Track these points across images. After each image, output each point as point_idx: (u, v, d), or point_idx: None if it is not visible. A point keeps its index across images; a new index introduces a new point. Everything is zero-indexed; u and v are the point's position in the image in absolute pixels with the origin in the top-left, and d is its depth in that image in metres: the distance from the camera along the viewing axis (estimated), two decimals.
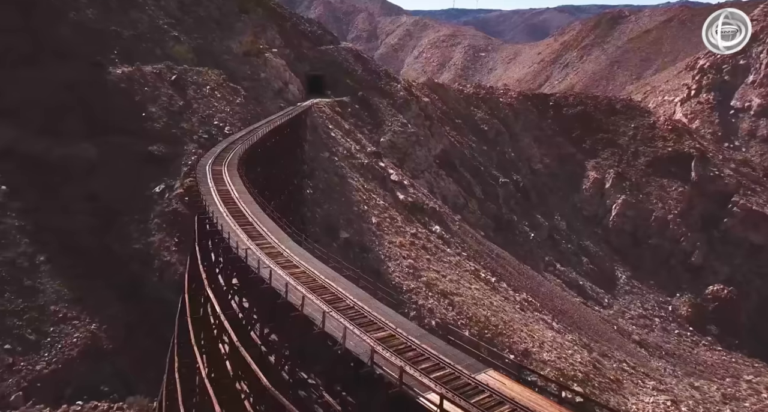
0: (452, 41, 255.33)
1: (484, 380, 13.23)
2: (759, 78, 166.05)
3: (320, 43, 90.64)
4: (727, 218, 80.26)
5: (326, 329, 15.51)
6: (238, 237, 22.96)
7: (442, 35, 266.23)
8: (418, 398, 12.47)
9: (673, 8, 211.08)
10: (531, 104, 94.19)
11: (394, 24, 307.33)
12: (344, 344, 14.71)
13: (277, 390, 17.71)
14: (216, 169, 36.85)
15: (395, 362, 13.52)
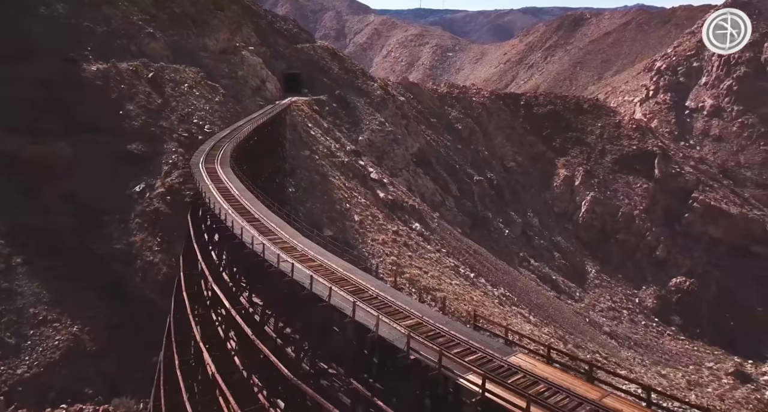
0: (420, 41, 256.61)
1: (516, 362, 13.71)
2: (711, 80, 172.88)
3: (296, 42, 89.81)
4: (687, 213, 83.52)
5: (357, 319, 15.86)
6: (251, 233, 22.73)
7: (410, 35, 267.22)
8: (458, 380, 12.82)
9: (631, 11, 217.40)
10: (503, 104, 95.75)
11: (362, 23, 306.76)
12: (377, 331, 14.97)
13: (301, 381, 17.95)
14: (209, 167, 36.24)
15: (433, 347, 14.02)
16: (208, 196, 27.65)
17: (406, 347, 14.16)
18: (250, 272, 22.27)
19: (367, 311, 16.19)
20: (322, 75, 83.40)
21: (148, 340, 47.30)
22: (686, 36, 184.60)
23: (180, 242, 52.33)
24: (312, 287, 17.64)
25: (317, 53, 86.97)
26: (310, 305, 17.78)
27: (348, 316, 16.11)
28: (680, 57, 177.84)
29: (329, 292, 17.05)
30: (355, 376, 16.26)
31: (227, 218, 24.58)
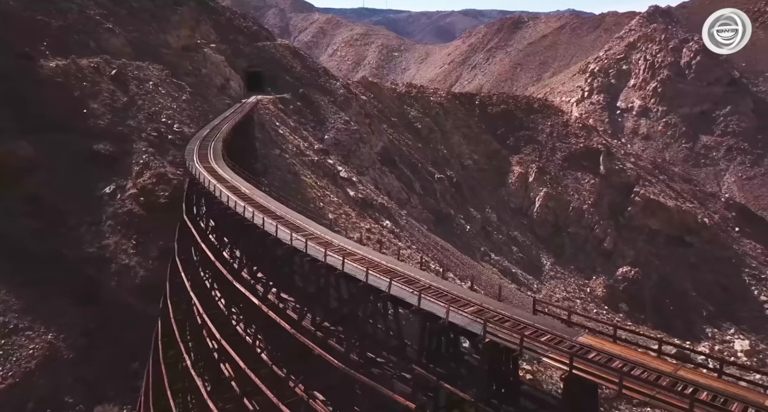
0: (366, 40, 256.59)
1: (585, 341, 14.28)
2: (638, 82, 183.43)
3: (256, 39, 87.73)
4: (630, 206, 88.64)
5: (423, 307, 16.51)
6: (284, 231, 22.42)
7: (355, 34, 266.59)
8: (542, 358, 13.43)
9: (565, 16, 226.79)
10: (459, 103, 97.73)
11: (307, 21, 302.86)
12: (447, 318, 15.61)
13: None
14: (208, 167, 35.08)
15: (511, 330, 14.57)
16: (226, 198, 26.81)
17: (483, 331, 14.58)
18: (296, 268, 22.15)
19: (432, 301, 16.73)
20: (284, 73, 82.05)
21: (127, 345, 45.37)
22: (616, 40, 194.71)
23: (156, 243, 50.49)
24: (368, 278, 18.03)
25: (279, 51, 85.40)
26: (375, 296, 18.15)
27: (414, 305, 16.67)
28: (611, 60, 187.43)
29: (389, 284, 17.58)
30: (418, 362, 16.75)
31: (253, 216, 24.01)
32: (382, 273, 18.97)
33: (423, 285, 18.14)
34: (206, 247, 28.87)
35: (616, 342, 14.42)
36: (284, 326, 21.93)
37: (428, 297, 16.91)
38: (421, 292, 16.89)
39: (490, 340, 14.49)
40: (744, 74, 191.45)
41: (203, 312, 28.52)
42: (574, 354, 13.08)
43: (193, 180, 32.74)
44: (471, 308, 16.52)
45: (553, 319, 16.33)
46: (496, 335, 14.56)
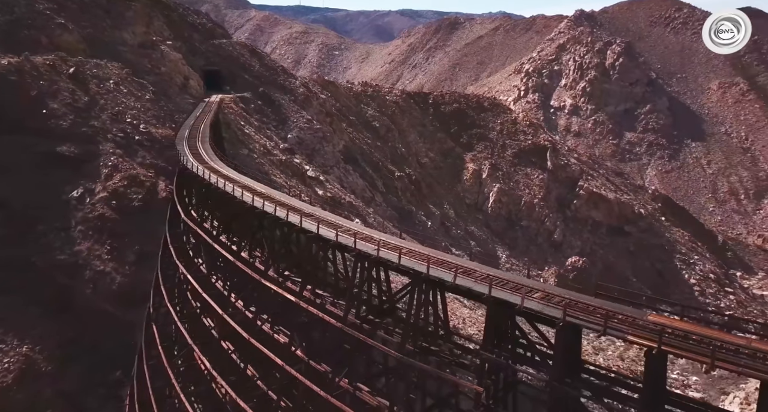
0: (305, 39, 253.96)
1: (655, 320, 15.61)
2: (569, 82, 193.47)
3: (212, 37, 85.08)
4: (575, 199, 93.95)
5: (495, 295, 17.62)
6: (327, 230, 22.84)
7: (294, 32, 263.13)
8: (627, 337, 14.85)
9: (498, 18, 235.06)
10: (413, 102, 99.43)
11: (243, 18, 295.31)
12: (523, 304, 16.68)
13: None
14: (212, 167, 34.33)
15: (588, 313, 15.83)
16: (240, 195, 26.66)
17: (563, 315, 15.80)
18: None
19: (505, 291, 17.78)
20: (243, 72, 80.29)
21: (108, 354, 43.58)
22: (547, 42, 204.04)
23: (132, 247, 48.52)
24: (429, 271, 19.16)
25: (236, 50, 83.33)
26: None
27: (485, 293, 17.59)
28: (543, 61, 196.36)
29: (455, 275, 18.44)
30: (487, 348, 17.76)
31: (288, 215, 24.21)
32: (439, 265, 19.90)
33: (483, 274, 19.22)
34: (222, 248, 28.48)
35: (684, 320, 15.91)
36: (330, 320, 22.33)
37: (497, 286, 17.97)
38: (492, 281, 17.89)
39: (570, 323, 15.75)
40: (660, 76, 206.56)
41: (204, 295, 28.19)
42: (663, 331, 14.27)
43: (200, 181, 31.79)
44: (537, 293, 17.75)
45: (612, 301, 17.65)
46: (578, 318, 15.81)
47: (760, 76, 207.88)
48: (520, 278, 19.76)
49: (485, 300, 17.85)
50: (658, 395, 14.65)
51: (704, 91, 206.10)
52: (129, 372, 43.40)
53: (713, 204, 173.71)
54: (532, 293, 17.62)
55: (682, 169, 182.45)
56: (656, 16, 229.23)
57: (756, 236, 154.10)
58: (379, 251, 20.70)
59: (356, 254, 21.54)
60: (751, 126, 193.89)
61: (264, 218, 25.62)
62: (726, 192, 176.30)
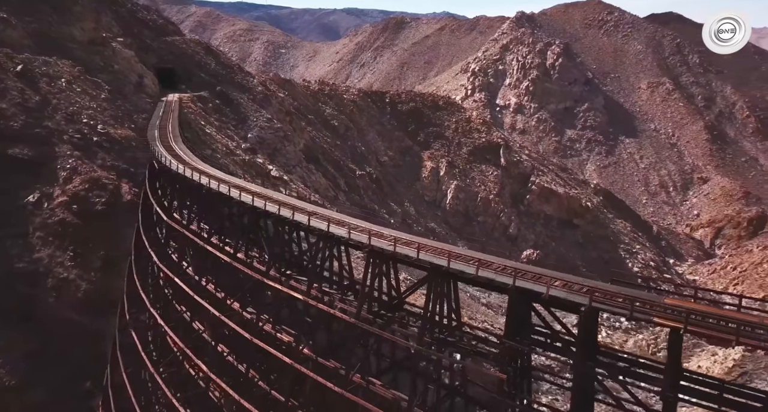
0: (250, 36, 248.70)
1: (673, 303, 16.67)
2: (513, 81, 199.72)
3: (164, 34, 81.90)
4: (528, 194, 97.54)
5: (519, 285, 18.27)
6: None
7: (238, 29, 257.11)
8: (653, 319, 15.92)
9: (444, 18, 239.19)
10: (371, 101, 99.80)
11: (183, 14, 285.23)
12: (548, 292, 17.51)
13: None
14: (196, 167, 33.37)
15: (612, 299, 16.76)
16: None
17: (589, 301, 16.62)
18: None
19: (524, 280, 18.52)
20: (198, 70, 77.96)
21: (76, 364, 41.62)
22: (491, 42, 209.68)
23: (97, 253, 46.35)
24: (449, 265, 19.56)
25: (190, 47, 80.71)
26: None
27: (510, 284, 18.25)
28: (488, 60, 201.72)
29: (477, 267, 19.07)
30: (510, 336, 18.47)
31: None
32: (458, 259, 20.53)
33: (500, 265, 19.96)
34: (216, 250, 27.81)
35: (696, 301, 17.15)
36: (342, 317, 22.48)
37: (521, 277, 18.69)
38: (516, 273, 18.61)
39: (596, 308, 16.66)
40: (595, 75, 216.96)
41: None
42: (687, 315, 15.19)
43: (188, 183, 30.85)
44: (557, 282, 18.61)
45: (628, 287, 18.65)
46: (604, 304, 16.75)
47: (682, 77, 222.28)
48: (534, 268, 20.61)
49: (509, 290, 18.49)
50: (678, 373, 15.86)
51: (635, 90, 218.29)
52: (100, 382, 41.63)
53: (646, 196, 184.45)
54: (552, 282, 18.46)
55: (618, 164, 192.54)
56: (590, 18, 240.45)
57: (684, 226, 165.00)
58: (396, 248, 21.08)
59: (369, 250, 21.85)
60: (676, 123, 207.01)
61: (267, 217, 25.34)
62: (657, 185, 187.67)
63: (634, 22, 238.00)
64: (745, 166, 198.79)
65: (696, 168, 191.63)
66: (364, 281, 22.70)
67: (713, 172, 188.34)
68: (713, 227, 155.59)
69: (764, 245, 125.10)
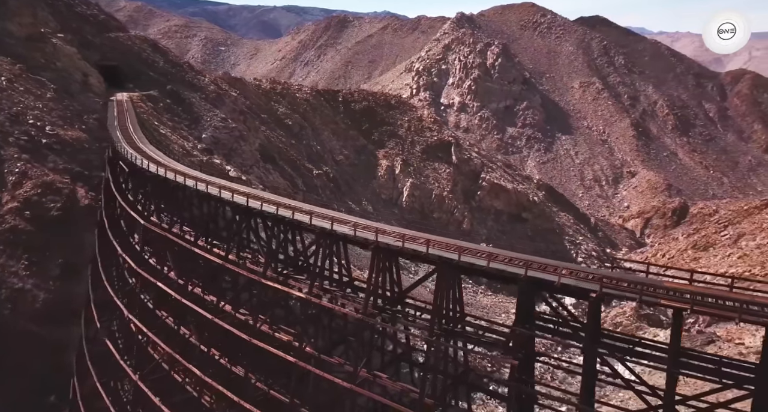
0: (187, 33, 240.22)
1: (672, 285, 17.94)
2: (456, 80, 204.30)
3: (107, 30, 77.84)
4: (479, 191, 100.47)
5: (531, 275, 19.27)
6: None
7: (173, 25, 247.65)
8: (660, 301, 17.25)
9: (386, 17, 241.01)
10: (324, 100, 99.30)
11: (112, 8, 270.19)
12: (560, 281, 18.46)
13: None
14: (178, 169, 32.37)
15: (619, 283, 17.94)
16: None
17: (600, 288, 17.70)
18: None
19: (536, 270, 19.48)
20: (146, 68, 74.83)
21: (38, 377, 39.50)
22: (434, 42, 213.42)
23: (55, 260, 43.93)
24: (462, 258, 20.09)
25: (136, 44, 77.24)
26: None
27: (521, 274, 19.15)
28: (432, 60, 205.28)
29: (488, 259, 19.82)
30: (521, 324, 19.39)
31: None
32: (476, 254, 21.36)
33: (506, 257, 20.90)
34: (205, 252, 27.22)
35: (692, 284, 18.63)
36: (349, 314, 22.72)
37: (532, 269, 19.63)
38: (528, 264, 19.53)
39: (608, 294, 17.78)
40: (532, 75, 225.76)
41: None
42: (694, 297, 16.53)
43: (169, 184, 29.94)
44: (564, 270, 19.69)
45: (625, 272, 19.99)
46: (616, 289, 17.94)
47: (610, 77, 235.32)
48: (538, 258, 21.68)
49: (521, 280, 19.36)
50: (680, 351, 17.34)
51: (569, 89, 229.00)
52: (65, 395, 39.68)
53: (582, 190, 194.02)
54: (559, 270, 19.53)
55: (555, 160, 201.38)
56: (525, 20, 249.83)
57: (617, 217, 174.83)
58: (404, 243, 21.61)
59: (375, 247, 22.25)
60: (606, 120, 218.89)
61: (265, 218, 25.15)
62: (591, 179, 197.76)
63: (565, 24, 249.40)
64: (666, 160, 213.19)
65: (625, 163, 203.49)
66: (370, 277, 23.10)
67: (640, 166, 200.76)
68: (642, 218, 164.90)
69: (688, 232, 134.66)
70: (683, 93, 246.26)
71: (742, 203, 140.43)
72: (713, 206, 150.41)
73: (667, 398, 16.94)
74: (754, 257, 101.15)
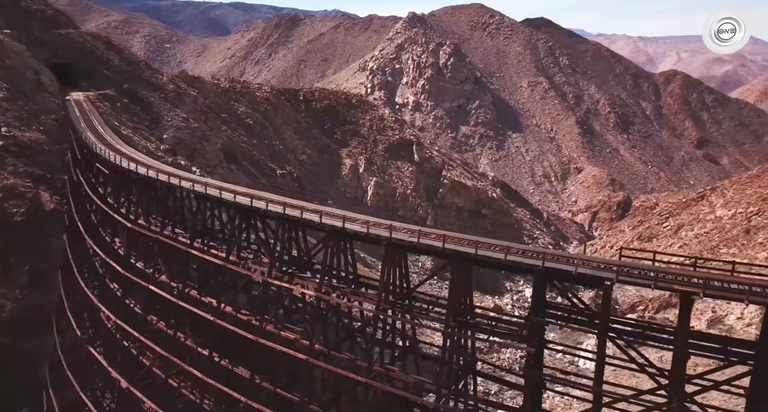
0: (128, 29, 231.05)
1: (677, 272, 19.48)
2: (409, 80, 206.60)
3: (56, 26, 73.90)
4: (441, 188, 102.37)
5: (548, 265, 20.22)
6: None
7: (113, 21, 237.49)
8: (674, 286, 18.27)
9: (338, 16, 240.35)
10: (285, 99, 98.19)
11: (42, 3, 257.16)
12: (577, 270, 19.60)
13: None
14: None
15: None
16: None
17: (616, 276, 18.82)
18: None
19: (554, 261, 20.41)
20: (100, 67, 71.72)
21: (7, 389, 37.56)
22: (387, 41, 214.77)
23: (21, 268, 41.81)
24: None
25: (88, 41, 73.76)
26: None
27: (538, 266, 20.01)
28: (386, 59, 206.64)
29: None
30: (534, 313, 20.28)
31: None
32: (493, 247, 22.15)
33: (517, 249, 21.80)
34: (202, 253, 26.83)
35: (696, 269, 20.00)
36: (362, 309, 23.04)
37: (549, 260, 20.53)
38: (544, 255, 20.46)
39: (623, 281, 18.89)
40: (483, 75, 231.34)
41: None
42: (705, 282, 17.70)
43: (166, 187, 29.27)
44: (576, 260, 20.73)
45: (635, 260, 21.21)
46: (630, 277, 19.09)
47: (556, 77, 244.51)
48: (548, 250, 22.70)
49: (538, 271, 20.22)
50: (689, 333, 18.70)
51: (518, 88, 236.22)
52: (38, 407, 37.97)
53: (533, 186, 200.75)
54: (576, 261, 20.49)
55: (507, 158, 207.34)
56: (474, 21, 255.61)
57: (567, 211, 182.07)
58: (419, 239, 22.19)
59: (388, 243, 22.75)
60: (554, 119, 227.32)
61: (271, 217, 25.11)
62: (541, 176, 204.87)
63: (512, 25, 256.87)
64: (609, 156, 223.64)
65: (572, 159, 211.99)
66: (383, 273, 23.58)
67: (586, 162, 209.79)
68: (590, 212, 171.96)
69: (633, 225, 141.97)
70: (622, 92, 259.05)
71: (680, 196, 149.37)
72: (653, 199, 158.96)
73: (675, 378, 18.16)
74: (693, 246, 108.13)
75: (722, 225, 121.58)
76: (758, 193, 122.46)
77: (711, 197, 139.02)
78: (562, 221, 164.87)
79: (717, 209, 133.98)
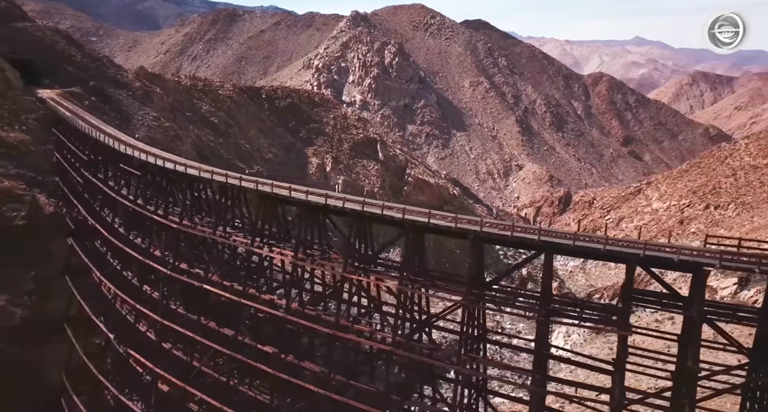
0: (47, 20, 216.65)
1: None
2: (356, 78, 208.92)
3: (10, 19, 69.68)
4: (405, 186, 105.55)
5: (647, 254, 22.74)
6: None
7: (29, 11, 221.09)
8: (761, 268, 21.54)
9: (279, 13, 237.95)
10: (247, 97, 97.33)
11: None
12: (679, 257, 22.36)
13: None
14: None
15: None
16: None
17: (643, 252, 20.71)
18: None
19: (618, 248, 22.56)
20: (63, 63, 68.64)
21: (12, 399, 36.76)
22: (331, 40, 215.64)
23: (27, 274, 40.51)
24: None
25: (48, 36, 70.23)
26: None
27: (639, 254, 21.71)
28: (331, 58, 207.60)
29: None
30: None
31: None
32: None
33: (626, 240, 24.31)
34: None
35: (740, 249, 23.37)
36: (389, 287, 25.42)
37: (612, 245, 23.42)
38: (645, 245, 21.92)
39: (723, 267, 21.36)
40: (427, 74, 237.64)
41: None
42: (761, 260, 19.89)
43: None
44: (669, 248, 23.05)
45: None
46: (732, 262, 20.24)
47: (495, 77, 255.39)
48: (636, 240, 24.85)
49: (632, 260, 21.25)
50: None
51: (460, 88, 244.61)
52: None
53: (477, 183, 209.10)
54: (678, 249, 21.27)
55: (453, 156, 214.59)
56: (416, 21, 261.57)
57: (512, 207, 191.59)
58: (457, 223, 24.59)
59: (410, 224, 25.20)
60: (495, 118, 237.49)
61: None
62: (485, 173, 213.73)
63: (453, 26, 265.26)
64: (547, 154, 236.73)
65: (513, 157, 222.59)
66: (407, 253, 26.02)
67: (526, 160, 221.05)
68: (534, 207, 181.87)
69: (578, 218, 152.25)
70: (556, 92, 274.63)
71: (620, 190, 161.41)
72: (591, 194, 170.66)
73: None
74: (634, 237, 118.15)
75: (659, 217, 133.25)
76: (688, 187, 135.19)
77: (647, 191, 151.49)
78: (509, 216, 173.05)
79: (653, 202, 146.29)
